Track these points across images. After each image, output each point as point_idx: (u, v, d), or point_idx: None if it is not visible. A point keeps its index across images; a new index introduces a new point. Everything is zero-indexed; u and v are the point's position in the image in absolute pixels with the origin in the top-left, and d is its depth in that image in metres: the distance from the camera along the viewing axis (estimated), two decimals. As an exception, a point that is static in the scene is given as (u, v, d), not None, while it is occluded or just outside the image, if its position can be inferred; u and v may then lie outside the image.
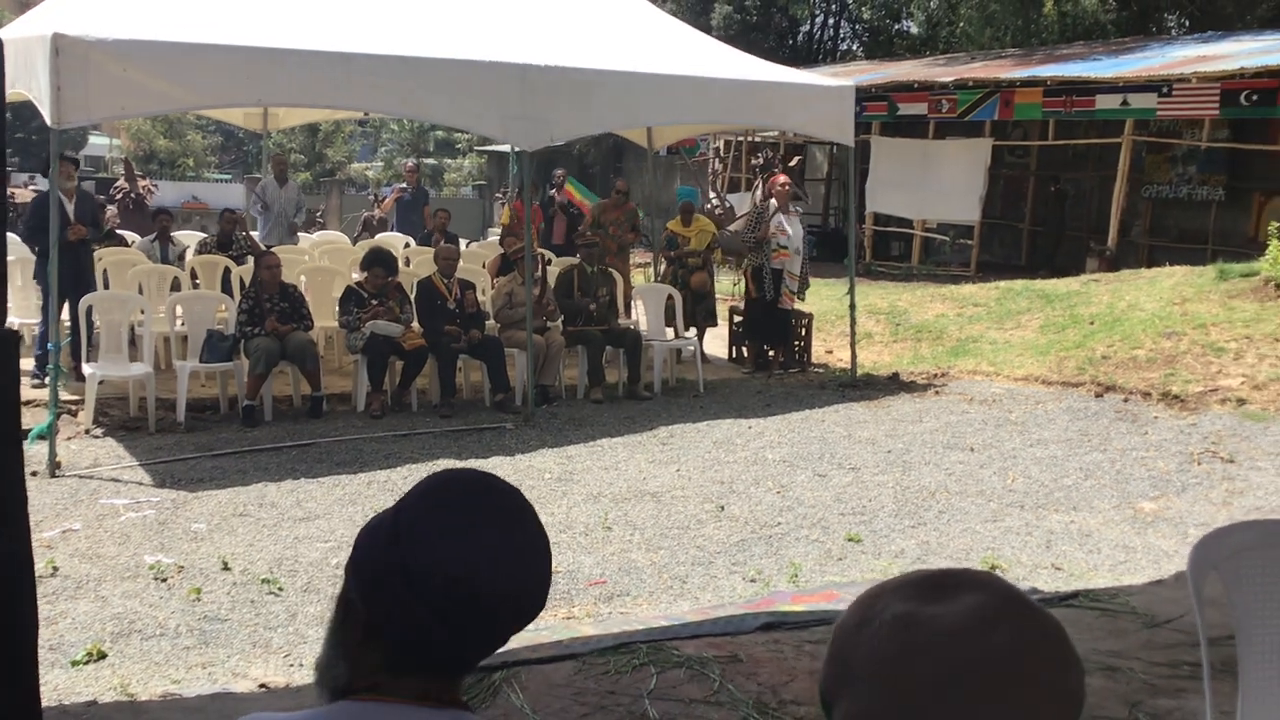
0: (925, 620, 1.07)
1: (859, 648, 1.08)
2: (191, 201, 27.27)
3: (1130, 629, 4.59)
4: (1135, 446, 8.16)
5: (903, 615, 1.08)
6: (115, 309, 8.86)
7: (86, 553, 5.77)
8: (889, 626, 1.07)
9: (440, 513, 1.22)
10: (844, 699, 1.07)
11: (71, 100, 6.90)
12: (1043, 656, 1.07)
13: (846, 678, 1.08)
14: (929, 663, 1.04)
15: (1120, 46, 21.18)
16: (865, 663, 1.07)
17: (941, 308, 13.47)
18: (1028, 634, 1.07)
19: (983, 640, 1.04)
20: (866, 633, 1.09)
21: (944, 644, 1.04)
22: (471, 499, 1.24)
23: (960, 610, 1.07)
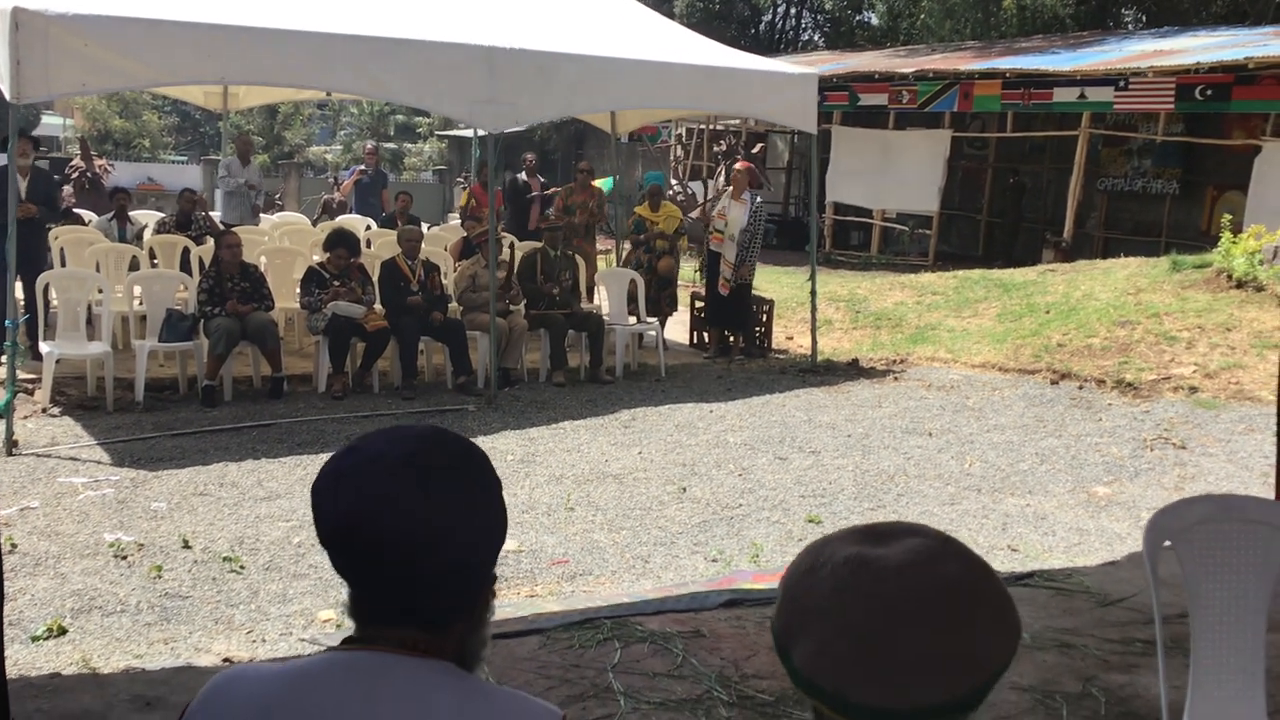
0: (873, 559, 1.12)
1: (812, 590, 1.14)
2: (147, 183, 26.89)
3: (1084, 608, 4.69)
4: (1089, 432, 8.29)
5: (852, 556, 1.13)
6: (73, 287, 8.76)
7: (45, 530, 5.72)
8: (840, 567, 1.13)
9: (341, 461, 1.26)
10: (801, 640, 1.12)
11: (31, 75, 6.80)
12: (987, 587, 1.13)
13: (801, 620, 1.13)
14: (884, 594, 1.09)
15: (1078, 40, 21.46)
16: (820, 602, 1.12)
17: (901, 296, 13.60)
18: (971, 568, 1.13)
19: (931, 573, 1.11)
20: (819, 575, 1.14)
21: (896, 577, 1.10)
22: (384, 455, 1.25)
23: (905, 550, 1.13)
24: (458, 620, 1.29)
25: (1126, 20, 27.68)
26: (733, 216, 10.96)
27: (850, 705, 1.09)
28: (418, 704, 1.21)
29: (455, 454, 1.28)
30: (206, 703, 1.26)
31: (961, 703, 1.09)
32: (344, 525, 1.23)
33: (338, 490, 1.24)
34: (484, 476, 1.30)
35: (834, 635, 1.10)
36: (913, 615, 1.08)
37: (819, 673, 1.10)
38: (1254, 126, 16.01)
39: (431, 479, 1.23)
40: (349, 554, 1.25)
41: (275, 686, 1.24)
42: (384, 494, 1.22)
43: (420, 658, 1.25)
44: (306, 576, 5.24)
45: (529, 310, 9.95)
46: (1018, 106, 17.87)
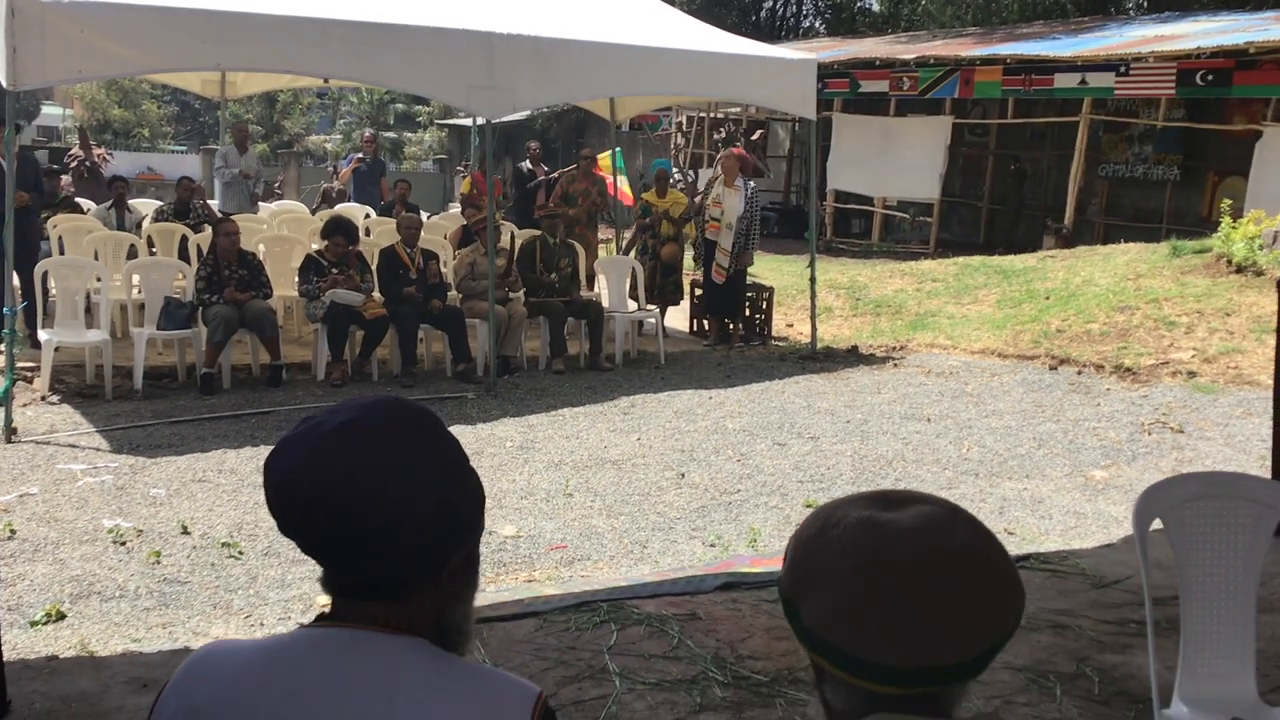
0: (885, 522, 1.15)
1: (824, 549, 1.15)
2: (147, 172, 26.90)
3: (1079, 589, 4.70)
4: (1088, 417, 8.30)
5: (865, 519, 1.15)
6: (71, 275, 8.77)
7: (44, 516, 5.74)
8: (853, 528, 1.15)
9: (299, 429, 1.27)
10: (810, 597, 1.14)
11: (27, 62, 6.80)
12: (995, 553, 1.15)
13: (811, 578, 1.15)
14: (894, 556, 1.11)
15: (1079, 26, 21.41)
16: (830, 561, 1.14)
17: (901, 283, 13.59)
18: (979, 536, 1.15)
19: (942, 537, 1.13)
20: (830, 535, 1.16)
21: (906, 540, 1.12)
22: (323, 422, 1.26)
23: (915, 515, 1.15)
24: (416, 589, 1.26)
25: (1128, 6, 27.61)
26: (729, 204, 10.92)
27: (856, 662, 1.11)
28: (385, 680, 1.20)
29: (391, 417, 1.27)
30: (183, 678, 1.27)
31: (966, 666, 1.11)
32: (275, 486, 1.24)
33: (277, 456, 1.25)
34: (422, 436, 1.27)
35: (843, 593, 1.12)
36: (922, 578, 1.10)
37: (827, 629, 1.12)
38: (1255, 112, 15.97)
39: (357, 439, 1.22)
40: (286, 518, 1.25)
41: (248, 663, 1.24)
42: (310, 454, 1.22)
43: (391, 634, 1.24)
44: (305, 562, 5.25)
45: (528, 298, 9.95)
46: (1019, 93, 17.83)
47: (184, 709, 1.25)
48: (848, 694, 1.15)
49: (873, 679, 1.11)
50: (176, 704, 1.26)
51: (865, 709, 1.14)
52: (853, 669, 1.12)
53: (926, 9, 28.65)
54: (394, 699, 1.19)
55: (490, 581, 5.11)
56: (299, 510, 1.23)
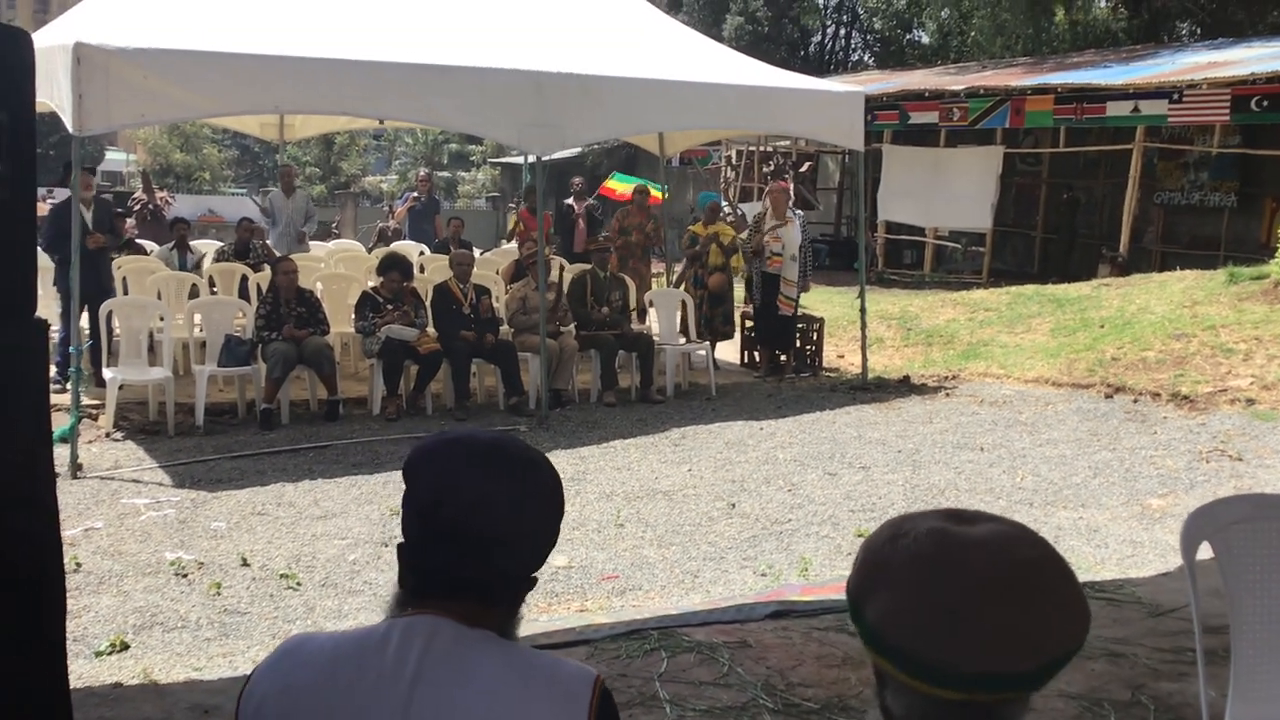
0: (956, 533, 1.19)
1: (894, 555, 1.19)
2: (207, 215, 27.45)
3: (1135, 617, 4.65)
4: (1144, 445, 8.21)
5: (936, 529, 1.20)
6: (135, 315, 9.00)
7: (108, 550, 5.88)
8: (923, 537, 1.19)
9: (432, 450, 1.44)
10: (877, 598, 1.18)
11: (92, 108, 7.04)
12: (1063, 571, 1.18)
13: (880, 579, 1.19)
14: (964, 565, 1.15)
15: (1131, 54, 21.26)
16: (902, 565, 1.18)
17: (953, 313, 13.53)
18: (1047, 553, 1.19)
19: (1010, 552, 1.17)
20: (901, 543, 1.20)
21: (977, 552, 1.16)
22: (466, 446, 1.44)
23: (985, 530, 1.19)
24: (502, 603, 1.44)
25: (1180, 33, 27.39)
26: (787, 237, 11.00)
27: (920, 664, 1.14)
28: (464, 663, 1.35)
29: (530, 451, 1.47)
30: (276, 661, 1.40)
31: (1025, 677, 1.14)
32: (428, 491, 1.39)
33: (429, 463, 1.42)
34: (551, 474, 1.48)
35: (912, 597, 1.15)
36: (991, 587, 1.13)
37: (893, 631, 1.15)
38: (1312, 136, 15.76)
39: (511, 462, 1.43)
40: (434, 516, 1.39)
41: (341, 647, 1.39)
42: (468, 466, 1.40)
43: (468, 625, 1.38)
44: (361, 593, 5.34)
45: (579, 331, 10.04)
46: (1070, 121, 17.73)
47: (277, 687, 1.37)
48: (909, 701, 1.18)
49: (933, 681, 1.14)
50: (270, 683, 1.38)
51: (924, 717, 1.17)
52: (914, 670, 1.14)
53: (976, 40, 28.61)
54: (473, 680, 1.34)
55: (543, 611, 5.16)
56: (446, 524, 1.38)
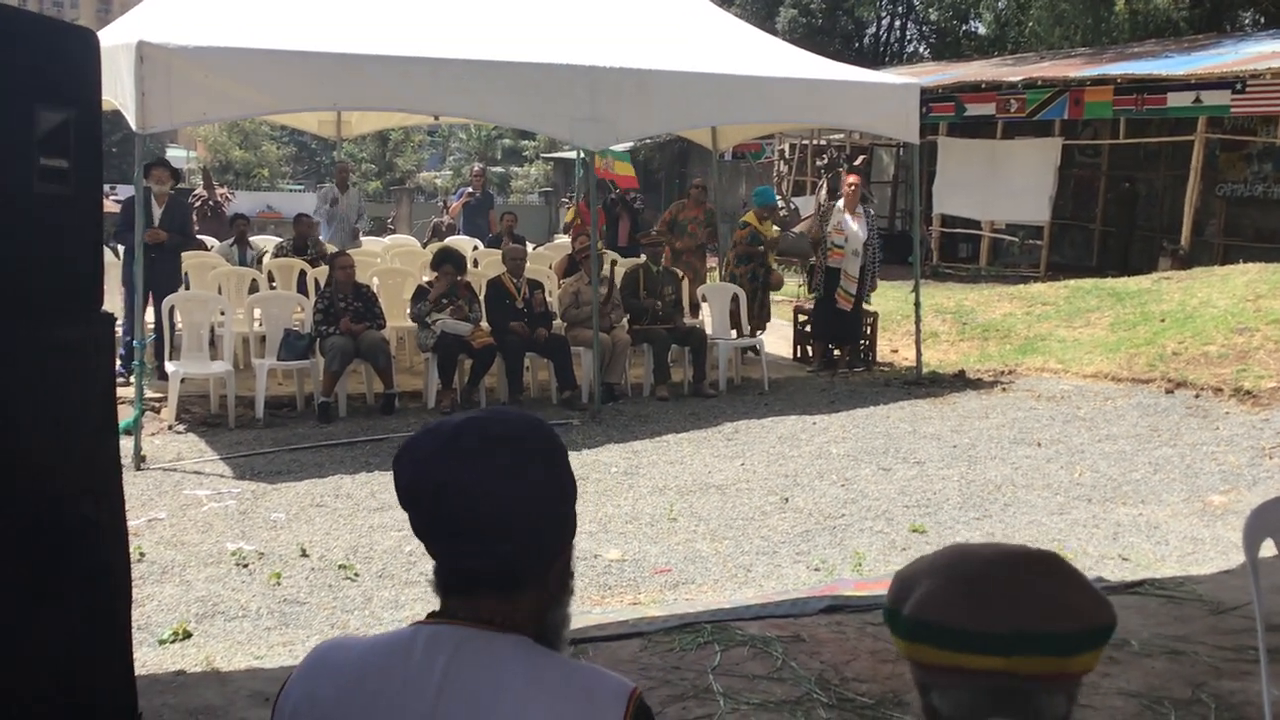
0: (973, 545, 1.31)
1: (919, 565, 1.29)
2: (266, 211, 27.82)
3: (1196, 615, 4.59)
4: (1206, 441, 8.08)
5: (952, 545, 1.32)
6: (196, 310, 9.15)
7: (171, 540, 5.99)
8: (944, 551, 1.29)
9: (406, 443, 1.40)
10: (913, 595, 1.24)
11: (155, 105, 7.16)
12: (1073, 569, 1.26)
13: (911, 583, 1.26)
14: (984, 554, 1.26)
15: (1193, 43, 20.88)
16: (929, 565, 1.27)
17: (1009, 307, 13.38)
18: (1057, 556, 1.29)
19: (1024, 552, 1.27)
20: (923, 561, 1.29)
21: (994, 548, 1.28)
22: (434, 432, 1.38)
23: (999, 547, 1.30)
24: (525, 586, 1.37)
25: (1243, 22, 26.85)
26: (851, 231, 10.93)
27: (959, 635, 1.19)
28: (492, 673, 1.30)
29: (510, 425, 1.39)
30: (307, 669, 1.39)
31: (1061, 639, 1.18)
32: (405, 482, 1.36)
33: (404, 456, 1.38)
34: (536, 445, 1.39)
35: (943, 580, 1.23)
36: (1010, 566, 1.23)
37: (930, 611, 1.21)
38: (1381, 126, 15.40)
39: (479, 442, 1.35)
40: (417, 509, 1.36)
41: (367, 655, 1.35)
42: (436, 453, 1.35)
43: (498, 631, 1.33)
44: (417, 584, 5.39)
45: (632, 325, 10.06)
46: (1130, 112, 17.45)
47: (306, 696, 1.36)
48: (956, 695, 1.22)
49: (974, 649, 1.18)
50: (300, 692, 1.37)
51: (972, 711, 1.20)
52: (955, 643, 1.19)
53: (1034, 30, 28.21)
54: (501, 691, 1.29)
55: (596, 604, 5.19)
56: (428, 505, 1.34)
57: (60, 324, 2.65)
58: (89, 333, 2.76)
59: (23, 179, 2.54)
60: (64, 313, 2.69)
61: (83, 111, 2.71)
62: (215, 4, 8.34)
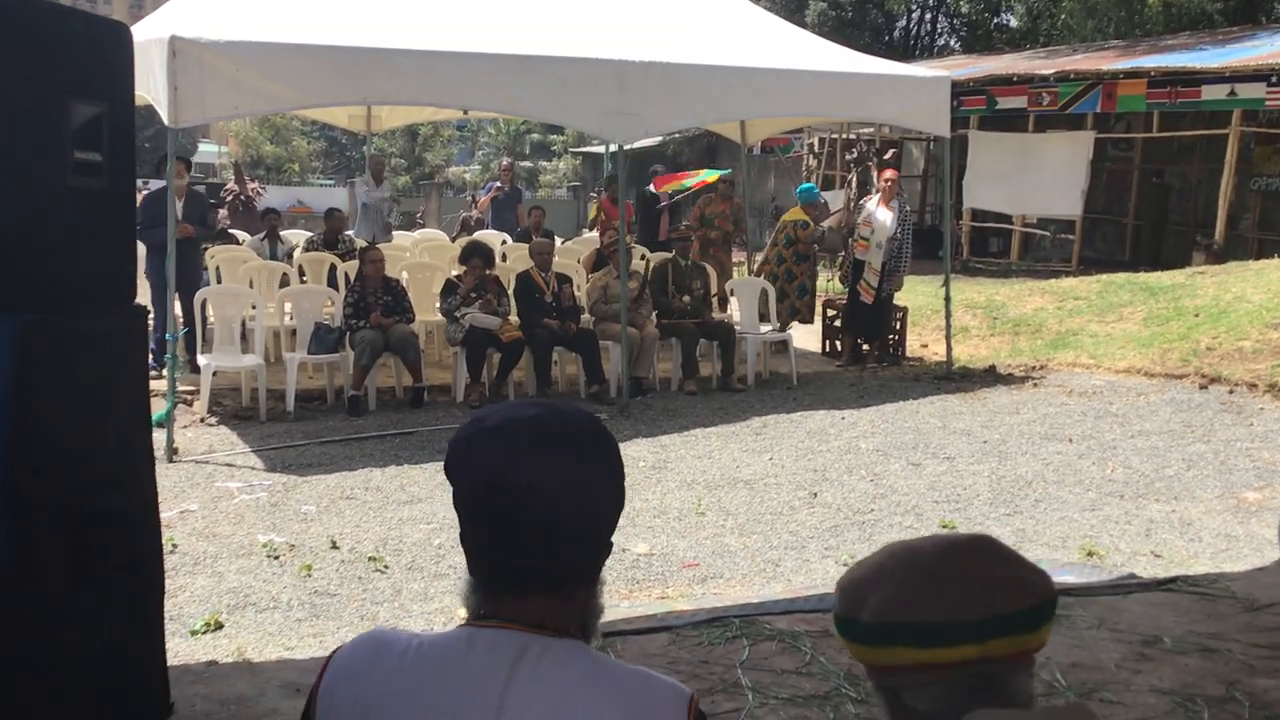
0: (910, 541, 1.30)
1: (862, 571, 1.28)
2: (297, 205, 28.01)
3: (1229, 612, 4.54)
4: (1240, 437, 8.00)
5: (887, 545, 1.31)
6: (228, 303, 9.21)
7: (203, 532, 6.04)
8: (883, 552, 1.29)
9: (476, 426, 1.37)
10: (866, 601, 1.23)
11: (187, 100, 7.21)
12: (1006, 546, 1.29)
13: (862, 588, 1.25)
14: (929, 548, 1.26)
15: (1227, 36, 20.64)
16: (875, 570, 1.26)
17: (1041, 301, 13.28)
18: (990, 537, 1.29)
19: (963, 539, 1.28)
20: (864, 565, 1.29)
21: (932, 542, 1.27)
22: (515, 425, 1.35)
23: (935, 538, 1.30)
24: (581, 585, 1.36)
25: (1279, 14, 26.52)
26: (879, 223, 10.88)
27: (932, 629, 1.18)
28: (556, 683, 1.27)
29: (580, 420, 1.38)
30: (352, 669, 1.35)
31: (1027, 615, 1.20)
32: (483, 481, 1.32)
33: (475, 453, 1.34)
34: (607, 441, 1.39)
35: (899, 581, 1.22)
36: (958, 554, 1.23)
37: (895, 612, 1.20)
38: None
39: (569, 444, 1.34)
40: (489, 510, 1.32)
41: (421, 661, 1.31)
42: (521, 451, 1.31)
43: (553, 637, 1.31)
44: (447, 576, 5.41)
45: (660, 319, 10.05)
46: (1164, 106, 17.27)
47: (353, 700, 1.32)
48: (933, 692, 1.21)
49: (948, 641, 1.18)
50: (347, 696, 1.33)
51: (951, 705, 1.19)
52: (928, 638, 1.18)
53: (1067, 23, 27.96)
54: (566, 701, 1.27)
55: (624, 598, 5.19)
56: (504, 507, 1.30)
57: (94, 316, 2.67)
58: (122, 325, 2.78)
59: (57, 172, 2.56)
60: (97, 305, 2.71)
61: (116, 106, 2.73)
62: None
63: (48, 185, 2.56)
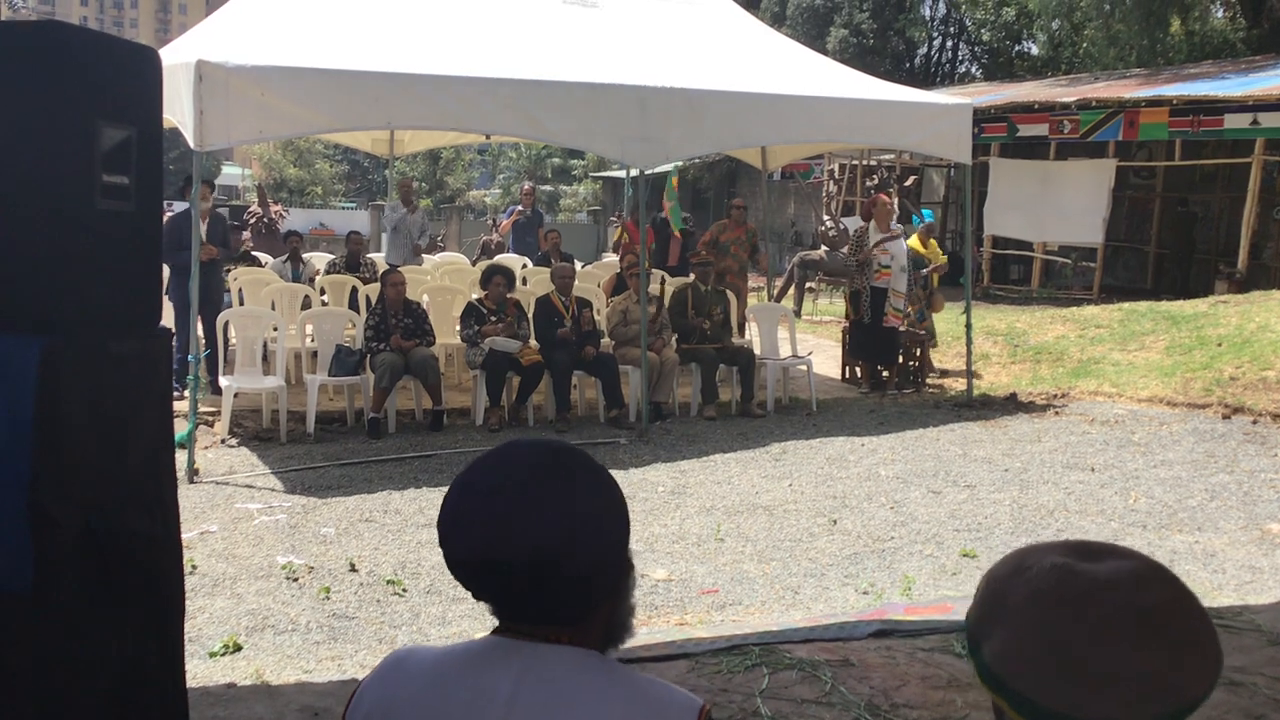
0: (1081, 571, 1.14)
1: (1016, 589, 1.16)
2: (319, 228, 28.17)
3: (1254, 645, 4.49)
4: (1264, 468, 7.93)
5: (1060, 565, 1.15)
6: (250, 325, 9.26)
7: (223, 553, 6.05)
8: (1047, 573, 1.15)
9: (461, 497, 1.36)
10: (996, 634, 1.15)
11: (213, 124, 7.28)
12: (1191, 617, 1.14)
13: (1000, 615, 1.16)
14: (1086, 607, 1.11)
15: (1250, 65, 20.60)
16: (1022, 601, 1.14)
17: (1062, 329, 13.23)
18: (1178, 597, 1.14)
19: (1135, 595, 1.12)
20: (1024, 577, 1.16)
21: (1100, 591, 1.12)
22: (476, 466, 1.37)
23: (1112, 568, 1.15)
24: (597, 611, 1.38)
25: (1304, 42, 26.44)
26: (895, 249, 10.90)
27: (1036, 709, 1.11)
28: (562, 689, 1.31)
29: (562, 468, 1.35)
30: (383, 674, 1.40)
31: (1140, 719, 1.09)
32: (473, 560, 1.33)
33: (461, 528, 1.34)
34: (590, 477, 1.36)
35: (1030, 638, 1.12)
36: (1112, 633, 1.09)
37: (1009, 672, 1.13)
38: None
39: (539, 499, 1.31)
40: (481, 581, 1.34)
41: (442, 664, 1.37)
42: (498, 525, 1.30)
43: (570, 646, 1.35)
44: (465, 600, 5.40)
45: (680, 344, 10.05)
46: (1186, 134, 17.23)
47: (380, 701, 1.38)
48: None
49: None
50: (375, 698, 1.38)
51: None
52: (1030, 714, 1.12)
53: (1089, 51, 27.98)
54: (571, 707, 1.30)
55: (642, 624, 5.16)
56: (496, 576, 1.32)
57: (120, 338, 2.68)
58: (147, 346, 2.79)
59: (85, 195, 2.58)
60: (123, 327, 2.73)
61: (145, 129, 2.75)
62: (273, 24, 8.47)
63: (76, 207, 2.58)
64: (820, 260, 16.17)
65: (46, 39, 2.51)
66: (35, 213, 2.49)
